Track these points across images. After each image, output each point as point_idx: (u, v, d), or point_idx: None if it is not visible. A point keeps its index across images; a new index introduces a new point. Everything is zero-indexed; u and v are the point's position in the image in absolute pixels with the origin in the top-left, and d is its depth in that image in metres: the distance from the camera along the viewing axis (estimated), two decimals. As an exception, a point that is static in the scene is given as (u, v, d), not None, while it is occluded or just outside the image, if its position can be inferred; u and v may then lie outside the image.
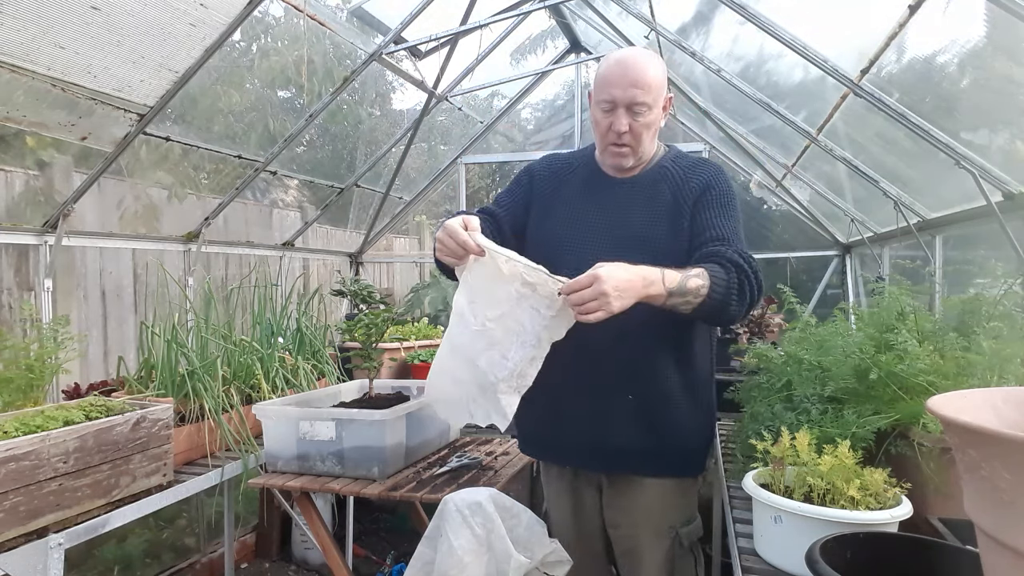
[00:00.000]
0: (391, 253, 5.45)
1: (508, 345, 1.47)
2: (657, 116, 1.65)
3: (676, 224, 1.64)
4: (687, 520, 1.76)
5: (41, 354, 2.19)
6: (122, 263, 3.18)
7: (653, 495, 1.71)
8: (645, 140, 1.66)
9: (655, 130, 1.68)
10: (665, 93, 1.66)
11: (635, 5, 3.12)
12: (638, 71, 1.59)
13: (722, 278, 1.49)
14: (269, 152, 3.39)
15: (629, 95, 1.59)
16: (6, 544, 1.54)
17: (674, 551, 1.74)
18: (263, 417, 2.09)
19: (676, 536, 1.73)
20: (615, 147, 1.66)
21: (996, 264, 1.65)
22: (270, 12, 3.09)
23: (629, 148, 1.65)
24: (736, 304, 1.50)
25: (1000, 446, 0.66)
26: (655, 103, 1.62)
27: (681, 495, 1.75)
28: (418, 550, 1.63)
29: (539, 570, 1.62)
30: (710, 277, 1.47)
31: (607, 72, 1.63)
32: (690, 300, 1.46)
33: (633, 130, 1.62)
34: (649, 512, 1.72)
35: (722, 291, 1.48)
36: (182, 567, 3.37)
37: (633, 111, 1.61)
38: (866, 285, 3.83)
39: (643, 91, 1.58)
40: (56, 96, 2.32)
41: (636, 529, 1.74)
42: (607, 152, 1.69)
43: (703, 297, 1.46)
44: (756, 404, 1.72)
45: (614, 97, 1.60)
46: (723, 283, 1.48)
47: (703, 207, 1.64)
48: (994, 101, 2.11)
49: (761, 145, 3.68)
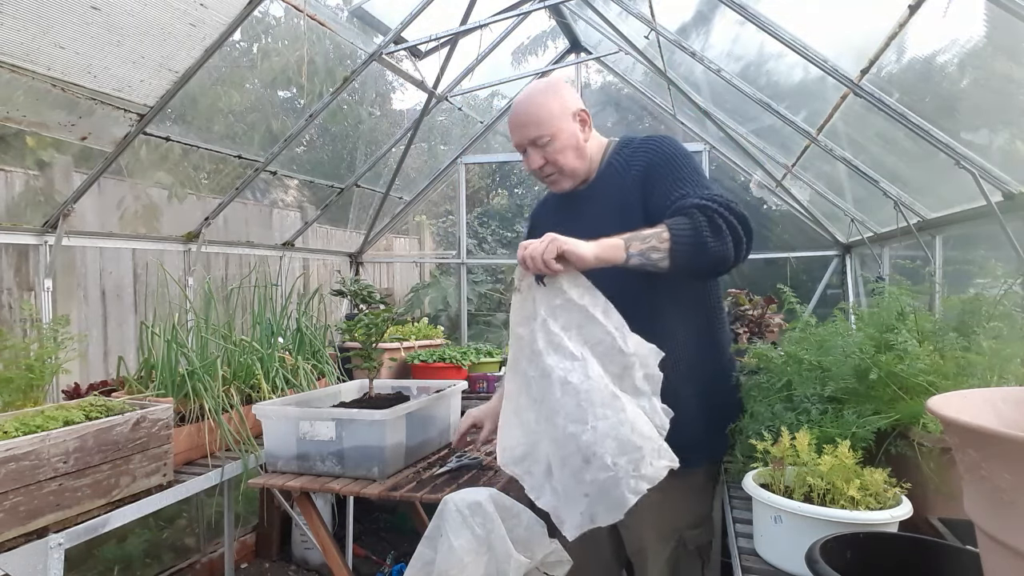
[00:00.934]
0: (391, 253, 5.45)
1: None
2: (568, 138, 1.71)
3: (627, 216, 1.63)
4: (693, 524, 1.74)
5: (41, 354, 2.19)
6: (122, 263, 3.18)
7: (660, 497, 1.69)
8: (565, 162, 1.73)
9: (575, 148, 1.73)
10: (568, 112, 1.71)
11: (635, 5, 3.12)
12: (523, 112, 1.71)
13: (685, 221, 1.45)
14: (269, 152, 3.40)
15: (524, 135, 1.71)
16: (6, 544, 1.54)
17: (678, 554, 1.72)
18: (263, 417, 2.09)
19: (681, 540, 1.72)
20: (545, 179, 1.78)
21: (996, 264, 1.65)
22: (270, 12, 3.09)
23: (556, 175, 1.75)
24: (714, 240, 1.44)
25: (1000, 446, 0.66)
26: (557, 130, 1.69)
27: (686, 497, 1.72)
28: (418, 550, 1.63)
29: (539, 570, 1.62)
30: (669, 225, 1.45)
31: (508, 121, 1.77)
32: (655, 246, 1.42)
33: (550, 160, 1.72)
34: (653, 513, 1.70)
35: (689, 232, 1.43)
36: (182, 567, 3.37)
37: (539, 145, 1.71)
38: (866, 285, 3.83)
39: (535, 127, 1.69)
40: (56, 96, 2.32)
41: (641, 530, 1.74)
42: (545, 183, 1.81)
43: (668, 241, 1.42)
44: (756, 404, 1.72)
45: (517, 142, 1.74)
46: (687, 225, 1.44)
47: (654, 184, 1.64)
48: (994, 101, 2.11)
49: (761, 145, 3.68)
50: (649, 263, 1.44)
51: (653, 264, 1.44)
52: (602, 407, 1.34)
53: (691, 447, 1.65)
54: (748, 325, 3.18)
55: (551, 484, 1.41)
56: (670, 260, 1.43)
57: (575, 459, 1.34)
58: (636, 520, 1.73)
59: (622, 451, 1.32)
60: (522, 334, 1.47)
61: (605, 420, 1.33)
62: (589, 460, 1.32)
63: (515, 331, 1.49)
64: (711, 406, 1.70)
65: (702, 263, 1.47)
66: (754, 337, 3.10)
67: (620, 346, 1.41)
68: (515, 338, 1.49)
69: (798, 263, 4.31)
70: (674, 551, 1.72)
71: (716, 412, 1.72)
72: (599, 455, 1.31)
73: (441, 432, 2.38)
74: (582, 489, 1.34)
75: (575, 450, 1.33)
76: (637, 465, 1.32)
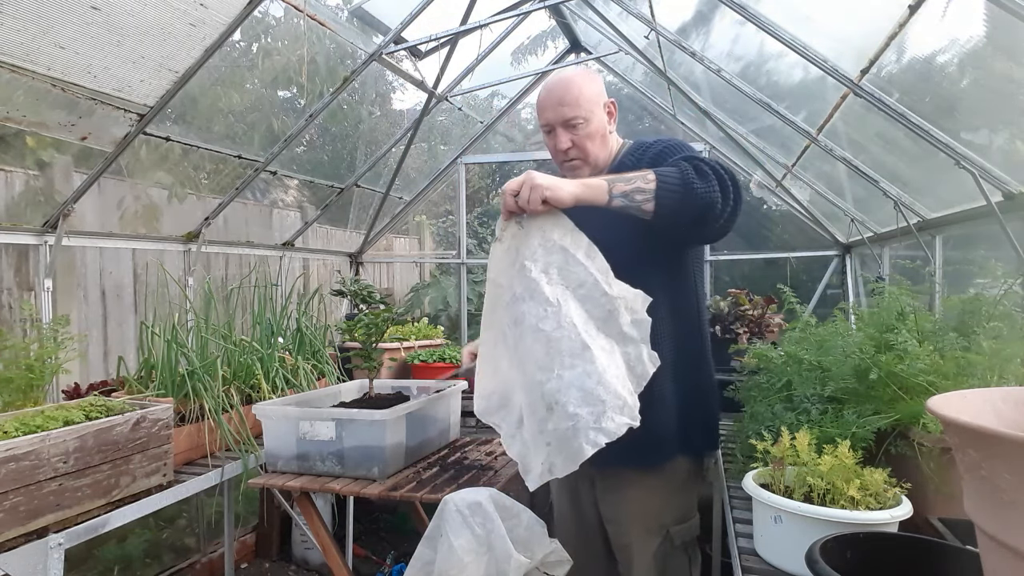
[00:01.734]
0: (391, 253, 5.45)
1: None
2: (598, 125, 1.73)
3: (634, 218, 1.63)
4: (680, 519, 1.76)
5: (41, 354, 2.19)
6: (122, 263, 3.18)
7: (643, 491, 1.72)
8: (592, 149, 1.73)
9: (601, 137, 1.75)
10: (602, 101, 1.74)
11: (635, 5, 3.12)
12: (561, 91, 1.71)
13: (672, 170, 1.44)
14: (269, 152, 3.39)
15: (559, 114, 1.70)
16: (6, 544, 1.54)
17: (665, 550, 1.74)
18: (263, 417, 2.09)
19: (667, 535, 1.74)
20: (566, 163, 1.76)
21: (996, 264, 1.65)
22: (270, 12, 3.09)
23: (579, 160, 1.75)
24: (700, 182, 1.42)
25: (1000, 446, 0.66)
26: (590, 114, 1.70)
27: (672, 492, 1.75)
28: (418, 550, 1.63)
29: (539, 570, 1.62)
30: (656, 169, 1.45)
31: (539, 100, 1.76)
32: (640, 187, 1.40)
33: (576, 144, 1.72)
34: (639, 508, 1.73)
35: (675, 174, 1.42)
36: (182, 567, 3.37)
37: (570, 127, 1.70)
38: (866, 285, 3.83)
39: (571, 107, 1.69)
40: (56, 96, 2.32)
41: (627, 525, 1.76)
42: (563, 169, 1.79)
43: (654, 182, 1.40)
44: (756, 404, 1.72)
45: (548, 120, 1.72)
46: (673, 170, 1.44)
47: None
48: (994, 101, 2.11)
49: (761, 145, 3.68)
50: (633, 205, 1.41)
51: (637, 207, 1.41)
52: (570, 356, 1.33)
53: (669, 440, 1.69)
54: (748, 325, 3.18)
55: (521, 433, 1.41)
56: (655, 203, 1.40)
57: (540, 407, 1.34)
58: (621, 515, 1.75)
59: (585, 402, 1.31)
60: (501, 283, 1.47)
61: (572, 370, 1.32)
62: (552, 408, 1.32)
63: (495, 281, 1.49)
64: (690, 403, 1.72)
65: (688, 207, 1.42)
66: (754, 337, 3.09)
67: (604, 288, 1.40)
68: (493, 287, 1.50)
69: (798, 263, 4.31)
70: (660, 546, 1.74)
71: (695, 409, 1.74)
72: (562, 404, 1.31)
73: (441, 432, 2.38)
74: (544, 438, 1.35)
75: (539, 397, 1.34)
76: (598, 418, 1.31)
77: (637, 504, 1.74)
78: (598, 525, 1.85)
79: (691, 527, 1.79)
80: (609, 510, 1.79)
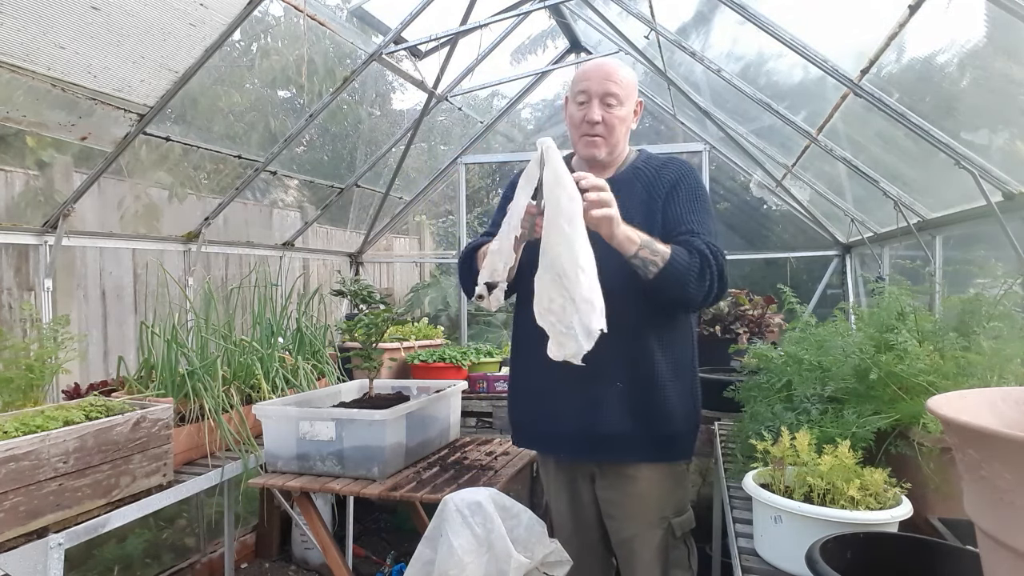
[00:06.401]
0: (391, 253, 5.45)
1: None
2: (628, 114, 1.79)
3: (650, 218, 1.73)
4: (679, 511, 1.83)
5: (41, 354, 2.19)
6: (122, 263, 3.18)
7: (644, 485, 1.76)
8: (617, 133, 1.77)
9: (627, 128, 1.81)
10: (636, 97, 1.81)
11: (635, 5, 3.12)
12: (610, 68, 1.77)
13: (684, 258, 1.61)
14: (269, 152, 3.39)
15: (603, 87, 1.73)
16: (6, 544, 1.54)
17: (667, 541, 1.80)
18: (263, 417, 2.09)
19: (669, 527, 1.80)
20: (588, 137, 1.77)
21: (996, 264, 1.65)
22: (270, 12, 3.09)
23: (602, 138, 1.77)
24: (694, 284, 1.61)
25: (1000, 446, 0.66)
26: (626, 99, 1.76)
27: (672, 486, 1.81)
28: (418, 550, 1.63)
29: (539, 570, 1.62)
30: (673, 252, 1.61)
31: (583, 69, 1.81)
32: (656, 261, 1.58)
33: (606, 121, 1.75)
34: (641, 502, 1.78)
35: (682, 267, 1.60)
36: (182, 567, 3.37)
37: (606, 103, 1.74)
38: (866, 285, 3.83)
39: (615, 84, 1.74)
40: (56, 96, 2.32)
41: (629, 520, 1.79)
42: (581, 142, 1.80)
43: (665, 264, 1.58)
44: (756, 404, 1.72)
45: (589, 88, 1.75)
46: (684, 262, 1.61)
47: (674, 202, 1.75)
48: (994, 101, 2.11)
49: (761, 145, 3.68)
50: (640, 268, 1.60)
51: (643, 270, 1.60)
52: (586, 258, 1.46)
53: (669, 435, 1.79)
54: (748, 325, 3.18)
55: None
56: (654, 276, 1.59)
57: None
58: (624, 509, 1.77)
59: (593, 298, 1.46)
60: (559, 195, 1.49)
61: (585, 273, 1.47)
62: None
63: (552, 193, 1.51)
64: (686, 401, 1.81)
65: (674, 292, 1.63)
66: (754, 337, 3.09)
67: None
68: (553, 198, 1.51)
69: (798, 263, 4.31)
70: (663, 538, 1.80)
71: (691, 406, 1.84)
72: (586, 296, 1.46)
73: (441, 432, 2.38)
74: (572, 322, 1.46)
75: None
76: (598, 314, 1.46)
77: (639, 498, 1.77)
78: (596, 522, 1.87)
79: (689, 519, 1.85)
80: (611, 506, 1.81)
